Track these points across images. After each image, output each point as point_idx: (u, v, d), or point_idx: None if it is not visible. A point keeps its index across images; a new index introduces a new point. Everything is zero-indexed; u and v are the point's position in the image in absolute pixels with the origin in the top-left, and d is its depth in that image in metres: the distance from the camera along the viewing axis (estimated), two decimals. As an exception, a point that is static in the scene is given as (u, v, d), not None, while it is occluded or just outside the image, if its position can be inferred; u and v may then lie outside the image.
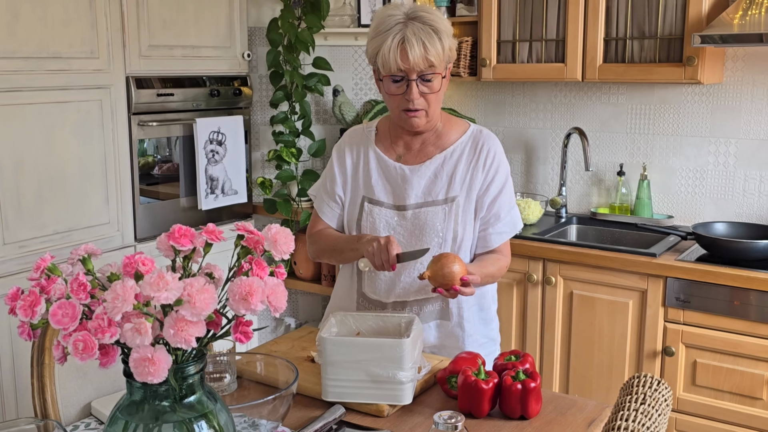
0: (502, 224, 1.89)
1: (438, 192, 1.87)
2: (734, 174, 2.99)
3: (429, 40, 1.74)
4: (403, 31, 1.74)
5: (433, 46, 1.74)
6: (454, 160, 1.88)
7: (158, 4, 3.05)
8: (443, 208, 1.85)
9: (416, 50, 1.73)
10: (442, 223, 1.85)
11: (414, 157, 1.90)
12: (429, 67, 1.75)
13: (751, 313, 2.47)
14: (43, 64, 2.67)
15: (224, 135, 3.32)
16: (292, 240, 1.17)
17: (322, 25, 3.32)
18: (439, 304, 1.90)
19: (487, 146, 1.89)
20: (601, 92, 3.24)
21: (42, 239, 2.72)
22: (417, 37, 1.73)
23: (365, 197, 1.91)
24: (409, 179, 1.88)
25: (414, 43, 1.73)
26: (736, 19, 2.58)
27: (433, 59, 1.74)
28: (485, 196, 1.88)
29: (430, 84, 1.78)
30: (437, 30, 1.75)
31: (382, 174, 1.91)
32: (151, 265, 1.03)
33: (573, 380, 2.86)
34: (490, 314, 2.00)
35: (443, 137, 1.91)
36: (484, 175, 1.87)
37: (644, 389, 1.24)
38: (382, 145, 1.94)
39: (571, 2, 2.92)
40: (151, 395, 1.11)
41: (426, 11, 1.78)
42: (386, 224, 1.88)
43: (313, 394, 1.62)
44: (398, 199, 1.89)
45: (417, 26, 1.74)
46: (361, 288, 1.94)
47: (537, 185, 3.45)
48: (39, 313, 1.02)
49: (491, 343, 2.00)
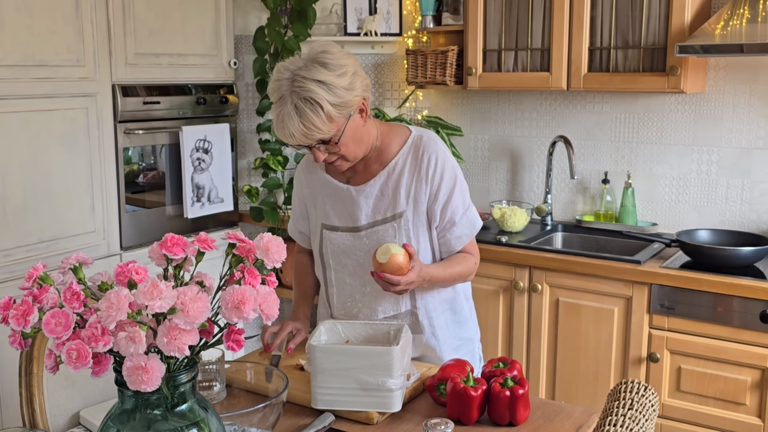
0: (459, 228, 1.88)
1: (386, 209, 1.86)
2: (717, 182, 3.03)
3: (306, 120, 1.65)
4: (282, 111, 1.67)
5: (312, 124, 1.65)
6: (397, 174, 1.85)
7: (144, 12, 3.04)
8: (392, 225, 1.85)
9: (296, 135, 1.67)
10: (393, 239, 1.85)
11: (361, 177, 1.89)
12: (317, 140, 1.69)
13: (734, 320, 2.50)
14: (29, 72, 2.66)
15: (210, 143, 3.32)
16: (284, 248, 1.18)
17: (308, 34, 3.34)
18: (409, 318, 1.91)
19: (427, 154, 1.84)
20: (585, 101, 3.27)
21: (27, 248, 2.70)
22: (292, 120, 1.65)
23: (323, 224, 1.93)
24: (356, 200, 1.88)
25: (291, 128, 1.66)
26: (718, 30, 2.62)
27: (316, 135, 1.67)
28: (435, 205, 1.85)
29: (329, 144, 1.73)
30: (316, 103, 1.64)
31: (334, 199, 1.91)
32: (144, 274, 1.03)
33: (559, 386, 2.88)
34: (464, 314, 2.00)
35: (384, 153, 1.88)
36: (429, 185, 1.84)
37: (631, 395, 1.26)
38: (331, 171, 1.93)
39: (556, 12, 2.95)
40: (142, 404, 1.11)
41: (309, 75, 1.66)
42: (343, 247, 1.90)
43: (302, 402, 1.63)
44: (351, 221, 1.89)
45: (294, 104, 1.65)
46: (332, 313, 1.98)
47: (522, 193, 3.48)
48: (32, 322, 1.02)
49: (468, 343, 2.00)
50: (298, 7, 3.31)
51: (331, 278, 1.94)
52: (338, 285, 1.93)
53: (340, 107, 1.68)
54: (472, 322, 2.04)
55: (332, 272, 1.93)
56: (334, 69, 1.68)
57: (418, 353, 1.92)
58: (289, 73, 1.68)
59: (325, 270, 1.96)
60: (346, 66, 1.70)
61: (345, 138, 1.73)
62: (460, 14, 3.28)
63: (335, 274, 1.93)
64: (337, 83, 1.67)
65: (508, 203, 3.41)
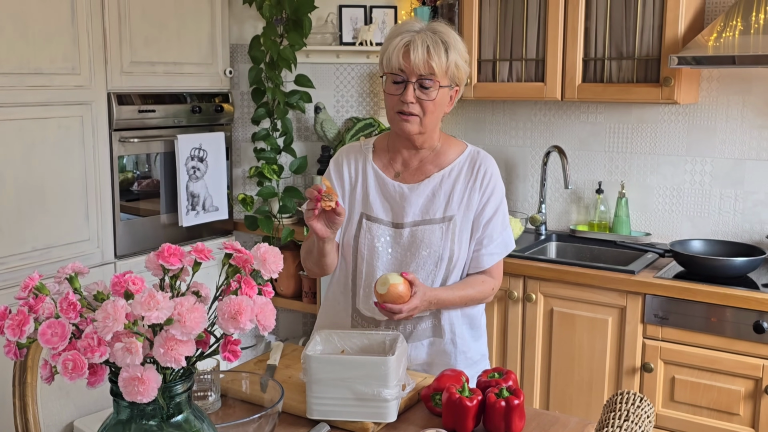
0: (494, 245, 1.90)
1: (436, 210, 1.88)
2: (710, 192, 3.04)
3: (434, 48, 1.78)
4: (413, 36, 1.80)
5: (437, 54, 1.78)
6: (452, 180, 1.90)
7: (140, 20, 3.05)
8: (440, 226, 1.87)
9: (419, 52, 1.77)
10: (439, 241, 1.86)
11: (412, 175, 1.92)
12: (429, 73, 1.78)
13: (727, 330, 2.50)
14: (24, 80, 2.65)
15: (205, 151, 3.32)
16: (281, 259, 1.17)
17: (304, 43, 3.34)
18: (431, 321, 1.91)
19: (484, 167, 1.91)
20: (579, 111, 3.29)
21: (21, 256, 2.69)
22: (423, 42, 1.78)
23: (363, 214, 1.92)
24: (407, 197, 1.89)
25: (419, 45, 1.78)
26: (711, 41, 2.64)
27: (434, 65, 1.78)
28: (481, 217, 1.89)
29: (427, 91, 1.80)
30: (446, 42, 1.80)
31: (380, 191, 1.92)
32: (141, 285, 1.03)
33: (553, 396, 2.88)
34: (481, 330, 2.02)
35: (441, 156, 1.93)
36: (481, 195, 1.89)
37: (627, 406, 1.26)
38: (380, 162, 1.95)
39: (550, 23, 2.97)
40: (138, 414, 1.10)
41: (443, 28, 1.84)
42: (384, 241, 1.89)
43: (298, 413, 1.62)
44: (396, 216, 1.89)
45: (428, 35, 1.80)
46: (355, 304, 1.94)
47: (517, 203, 3.49)
48: (27, 332, 1.02)
49: (483, 359, 2.02)
50: (293, 17, 3.31)
51: (362, 269, 1.91)
52: (368, 277, 1.90)
53: (456, 68, 1.82)
54: (485, 339, 2.05)
55: (365, 264, 1.90)
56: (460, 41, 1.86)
57: (432, 358, 1.92)
58: (420, 24, 1.83)
59: (356, 260, 1.92)
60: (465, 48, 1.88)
61: (440, 97, 1.83)
62: (455, 24, 3.29)
63: (367, 266, 1.90)
64: (462, 51, 1.84)
65: (503, 213, 3.41)
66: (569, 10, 2.93)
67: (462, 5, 3.18)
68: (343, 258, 1.96)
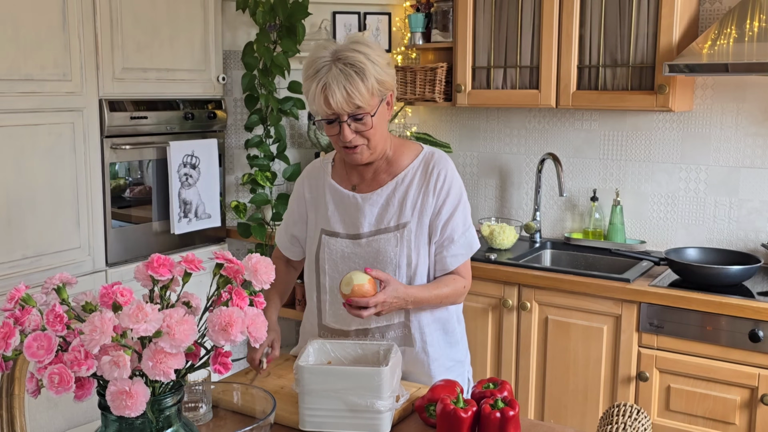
0: (456, 246, 1.88)
1: (390, 219, 1.87)
2: (705, 200, 3.03)
3: (350, 84, 1.71)
4: (326, 76, 1.72)
5: (355, 89, 1.71)
6: (405, 186, 1.88)
7: (132, 26, 3.03)
8: (395, 234, 1.86)
9: (338, 97, 1.71)
10: (395, 249, 1.85)
11: (368, 185, 1.92)
12: (356, 108, 1.75)
13: (722, 339, 2.49)
14: (15, 87, 2.63)
15: (198, 158, 3.30)
16: (273, 270, 1.16)
17: (297, 49, 3.33)
18: (401, 330, 1.90)
19: (437, 169, 1.88)
20: (574, 119, 3.28)
21: (11, 264, 2.66)
22: (338, 82, 1.71)
23: (323, 230, 1.93)
24: (361, 207, 1.89)
25: (335, 89, 1.71)
26: (705, 49, 2.63)
27: (357, 102, 1.73)
28: (437, 220, 1.87)
29: (362, 122, 1.77)
30: (361, 70, 1.72)
31: (337, 205, 1.92)
32: (129, 296, 1.01)
33: (548, 405, 2.86)
34: (456, 336, 1.99)
35: (394, 164, 1.91)
36: (435, 198, 1.87)
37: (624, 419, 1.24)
38: (337, 177, 1.96)
39: (545, 30, 2.96)
40: (126, 428, 1.08)
41: (354, 48, 1.75)
42: (342, 254, 1.89)
43: (290, 424, 1.60)
44: (353, 228, 1.90)
45: (339, 69, 1.72)
46: (322, 321, 1.96)
47: (511, 210, 3.47)
48: (13, 345, 0.99)
49: (458, 365, 1.99)
50: (287, 23, 3.30)
51: (326, 284, 1.92)
52: (332, 292, 1.91)
53: (380, 84, 1.76)
54: (462, 345, 2.03)
55: (327, 278, 1.92)
56: (375, 49, 1.78)
57: (407, 368, 1.90)
58: (329, 52, 1.76)
59: (318, 276, 1.94)
60: (384, 52, 1.82)
61: (377, 119, 1.78)
62: (449, 31, 3.29)
63: (330, 280, 1.91)
64: (380, 61, 1.77)
65: (497, 220, 3.40)
66: (564, 17, 2.92)
67: (456, 12, 3.17)
68: (307, 275, 2.00)
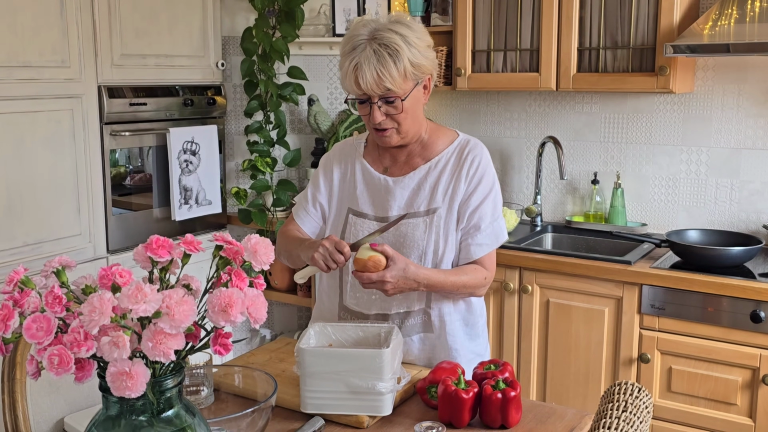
0: (482, 235, 1.84)
1: (420, 204, 1.85)
2: (706, 182, 3.03)
3: (382, 66, 1.69)
4: (360, 56, 1.70)
5: (387, 70, 1.69)
6: (438, 171, 1.86)
7: (131, 12, 3.01)
8: (424, 220, 1.83)
9: (368, 78, 1.69)
10: (423, 235, 1.82)
11: (399, 168, 1.89)
12: (386, 91, 1.72)
13: (723, 320, 2.49)
14: (13, 74, 2.62)
15: (198, 145, 3.29)
16: (272, 250, 1.15)
17: (296, 35, 3.31)
18: (421, 317, 1.88)
19: (471, 156, 1.86)
20: (574, 101, 3.27)
21: (11, 251, 2.66)
22: (369, 63, 1.69)
23: (350, 209, 1.90)
24: (392, 190, 1.86)
25: (366, 70, 1.69)
26: (706, 30, 2.62)
27: (388, 85, 1.70)
28: (466, 206, 1.84)
29: (393, 105, 1.75)
30: (395, 52, 1.69)
31: (367, 186, 1.90)
32: (128, 277, 1.01)
33: (550, 388, 2.87)
34: (477, 329, 1.95)
35: (429, 148, 1.89)
36: (467, 184, 1.84)
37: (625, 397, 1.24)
38: (369, 158, 1.93)
39: (544, 13, 2.94)
40: (127, 410, 1.08)
41: (392, 28, 1.72)
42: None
43: (292, 407, 1.61)
44: (381, 210, 1.87)
45: (374, 49, 1.69)
46: (342, 301, 1.92)
47: (512, 194, 3.47)
48: (12, 327, 0.99)
49: (478, 359, 1.95)
50: (286, 8, 3.29)
51: (349, 265, 1.87)
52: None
53: (415, 67, 1.73)
54: (483, 339, 1.99)
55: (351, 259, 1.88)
56: (415, 31, 1.74)
57: (425, 353, 1.89)
58: (367, 30, 1.73)
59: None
60: (425, 34, 1.77)
61: (409, 102, 1.75)
62: (448, 15, 3.27)
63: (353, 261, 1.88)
64: (418, 44, 1.73)
65: (498, 204, 3.39)
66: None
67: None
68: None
